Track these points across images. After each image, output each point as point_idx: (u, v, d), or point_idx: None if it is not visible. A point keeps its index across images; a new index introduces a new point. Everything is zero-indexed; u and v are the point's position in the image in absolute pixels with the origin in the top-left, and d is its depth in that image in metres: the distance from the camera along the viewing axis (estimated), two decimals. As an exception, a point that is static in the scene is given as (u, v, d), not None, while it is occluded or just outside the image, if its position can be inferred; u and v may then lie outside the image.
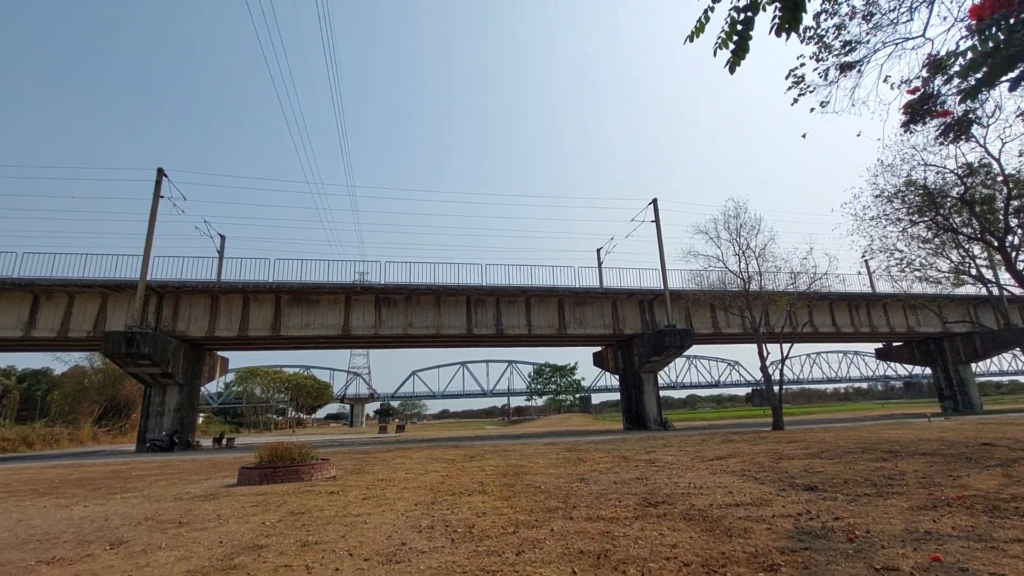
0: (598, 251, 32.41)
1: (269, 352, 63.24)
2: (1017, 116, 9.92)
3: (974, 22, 3.31)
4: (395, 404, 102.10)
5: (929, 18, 8.42)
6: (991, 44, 2.92)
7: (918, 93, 8.74)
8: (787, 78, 8.87)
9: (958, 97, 8.66)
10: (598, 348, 36.02)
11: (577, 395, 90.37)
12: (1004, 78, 3.00)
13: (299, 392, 76.71)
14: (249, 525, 5.50)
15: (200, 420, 54.88)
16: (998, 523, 4.46)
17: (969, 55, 3.04)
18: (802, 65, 9.03)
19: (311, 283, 25.84)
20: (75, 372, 44.30)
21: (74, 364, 44.56)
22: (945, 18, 10.67)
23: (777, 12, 2.76)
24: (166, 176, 25.49)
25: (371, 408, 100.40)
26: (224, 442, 29.67)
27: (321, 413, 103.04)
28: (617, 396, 42.18)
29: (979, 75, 3.03)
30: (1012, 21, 2.95)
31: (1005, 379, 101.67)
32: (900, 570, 3.31)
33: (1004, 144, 14.07)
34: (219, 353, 30.89)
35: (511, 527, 4.96)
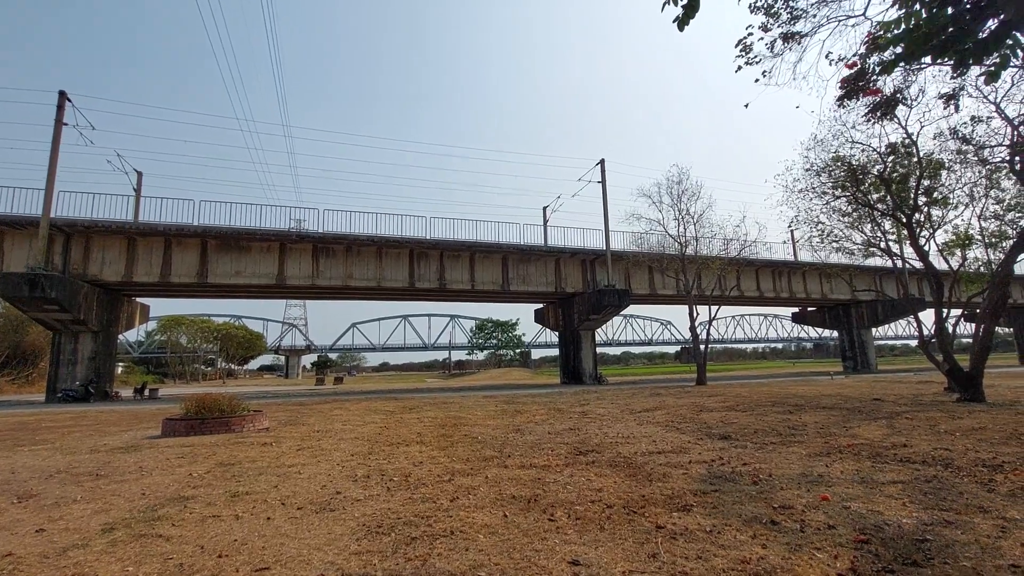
0: (544, 209, 32.52)
1: (196, 300, 59.87)
2: (939, 98, 10.63)
3: None
4: (333, 356, 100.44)
5: (870, -4, 8.71)
6: (913, 21, 3.05)
7: (855, 68, 9.16)
8: (736, 46, 9.00)
9: (888, 76, 9.17)
10: (540, 305, 36.71)
11: (518, 350, 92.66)
12: (923, 56, 3.17)
13: (229, 342, 73.60)
14: (174, 477, 5.32)
15: (119, 370, 51.77)
16: (879, 467, 5.08)
17: (895, 30, 3.17)
18: (750, 35, 9.17)
19: (242, 228, 24.31)
20: (-32, 316, 40.07)
21: (-33, 307, 40.26)
22: (883, -1, 11.10)
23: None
24: (69, 100, 22.67)
25: (308, 360, 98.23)
26: (146, 393, 28.14)
27: (254, 365, 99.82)
28: (556, 352, 43.55)
29: (899, 49, 3.17)
30: (934, 1, 3.09)
31: (899, 343, 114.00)
32: (794, 508, 3.71)
33: (923, 127, 15.13)
34: (139, 300, 28.80)
35: (447, 475, 5.10)
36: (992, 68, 3.26)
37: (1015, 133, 11.76)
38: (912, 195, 13.81)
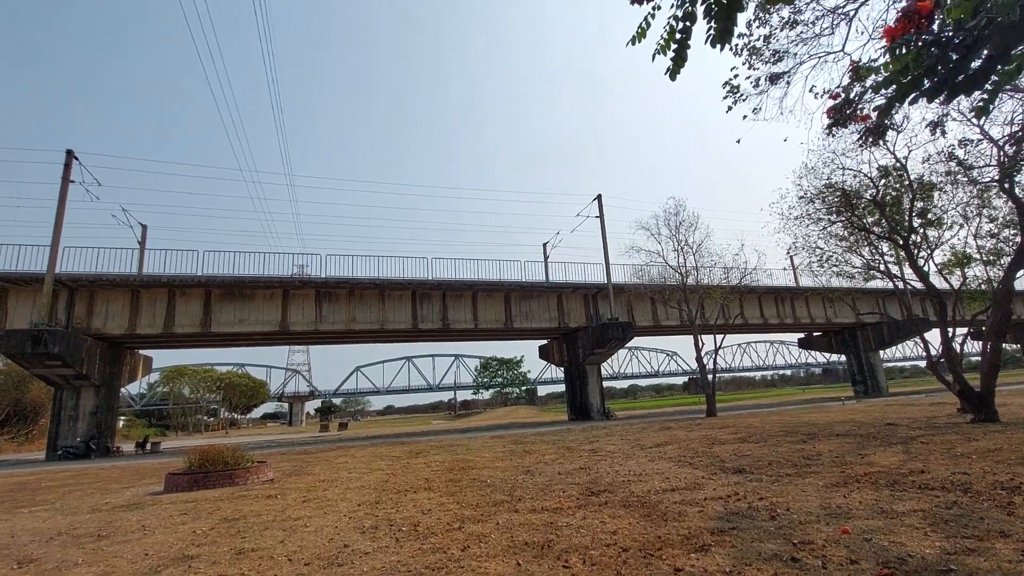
0: (544, 245, 32.81)
1: (199, 349, 59.63)
2: (925, 127, 10.93)
3: (887, 41, 3.58)
4: (337, 401, 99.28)
5: (848, 33, 9.11)
6: (902, 63, 3.19)
7: (839, 99, 9.48)
8: (724, 86, 9.34)
9: (874, 106, 9.47)
10: (544, 341, 36.52)
11: (523, 387, 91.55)
12: (914, 95, 3.29)
13: (232, 391, 72.88)
14: (178, 535, 5.20)
15: (121, 424, 51.06)
16: (897, 496, 4.96)
17: (883, 73, 3.32)
18: (735, 76, 9.53)
19: (245, 276, 24.52)
20: (-31, 374, 39.85)
21: (-31, 366, 40.11)
22: (863, 33, 11.57)
23: (712, 25, 2.90)
24: (76, 159, 23.30)
25: (311, 406, 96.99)
26: (148, 447, 27.69)
27: (257, 413, 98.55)
28: (562, 388, 43.05)
29: (891, 92, 3.30)
30: (920, 42, 3.24)
31: (908, 364, 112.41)
32: (814, 543, 3.61)
33: (911, 152, 15.46)
34: (141, 352, 28.77)
35: (457, 523, 4.98)
36: (981, 104, 3.40)
37: (1001, 153, 12.00)
38: (906, 217, 13.97)
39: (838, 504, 4.75)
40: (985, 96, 3.33)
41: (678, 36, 3.15)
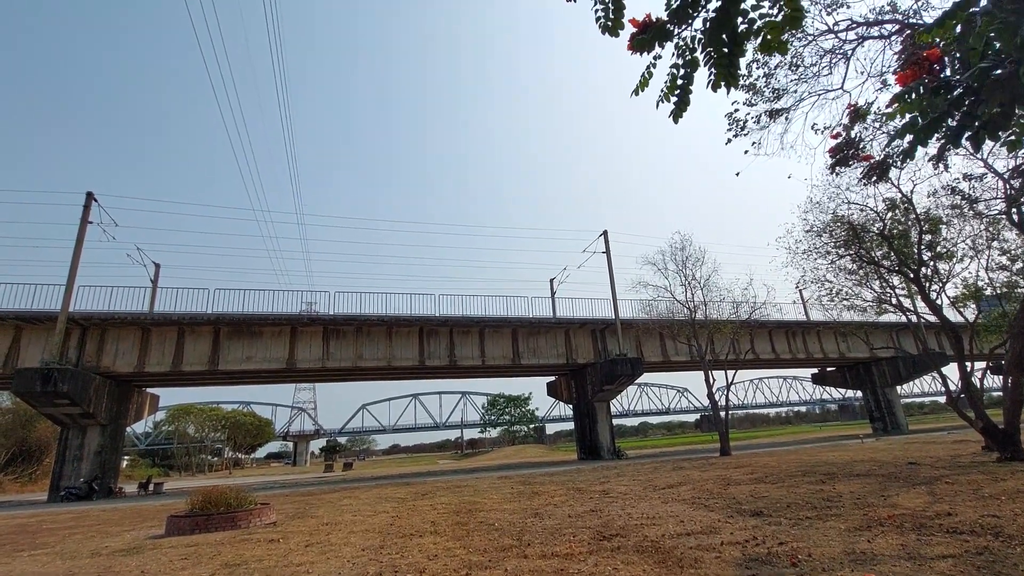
0: (551, 281, 32.87)
1: (206, 388, 59.49)
2: (928, 160, 11.02)
3: (900, 87, 3.65)
4: (343, 440, 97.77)
5: (847, 72, 9.33)
6: (909, 109, 3.24)
7: (840, 139, 9.63)
8: (726, 117, 9.53)
9: (882, 144, 9.58)
10: (552, 378, 36.09)
11: (531, 425, 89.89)
12: (933, 140, 3.32)
13: (237, 430, 72.14)
14: (177, 581, 5.05)
15: (124, 463, 50.52)
16: (924, 540, 4.73)
17: (898, 118, 3.37)
18: (736, 111, 9.73)
19: (254, 314, 24.67)
20: (-22, 413, 39.85)
21: (-22, 405, 40.16)
22: (862, 72, 11.85)
23: (713, 71, 2.97)
24: (96, 200, 23.95)
25: (317, 445, 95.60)
26: (151, 488, 27.26)
27: (262, 452, 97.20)
28: (571, 425, 42.20)
29: (911, 137, 3.33)
30: (931, 87, 3.29)
31: (927, 400, 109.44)
32: (840, 593, 3.43)
33: (915, 186, 15.57)
34: (149, 390, 28.72)
35: (464, 569, 4.80)
36: (1012, 138, 3.45)
37: (1007, 186, 12.01)
38: (915, 250, 13.89)
39: (862, 549, 4.54)
40: (1013, 135, 3.37)
41: (680, 83, 3.21)
